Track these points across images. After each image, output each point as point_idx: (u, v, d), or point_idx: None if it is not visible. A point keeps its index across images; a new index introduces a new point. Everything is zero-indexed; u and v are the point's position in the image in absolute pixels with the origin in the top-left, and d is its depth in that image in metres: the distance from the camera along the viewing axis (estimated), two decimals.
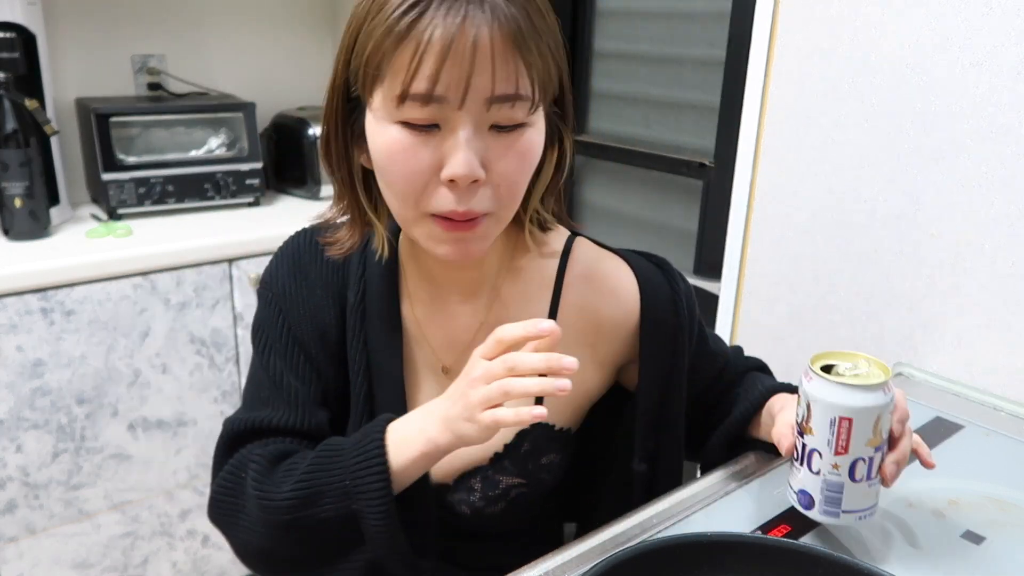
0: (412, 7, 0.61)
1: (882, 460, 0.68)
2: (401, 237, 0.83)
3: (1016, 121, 1.02)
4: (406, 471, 0.70)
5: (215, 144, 1.89)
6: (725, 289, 1.44)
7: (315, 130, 1.95)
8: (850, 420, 0.66)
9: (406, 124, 0.65)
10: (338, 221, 0.79)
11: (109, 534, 1.66)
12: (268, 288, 0.83)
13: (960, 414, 1.02)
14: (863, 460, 0.67)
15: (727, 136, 1.60)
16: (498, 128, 0.66)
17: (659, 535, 0.74)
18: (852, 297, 1.24)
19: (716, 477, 0.84)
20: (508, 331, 0.65)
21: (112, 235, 1.64)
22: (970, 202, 1.08)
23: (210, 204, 1.86)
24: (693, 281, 1.68)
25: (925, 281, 1.14)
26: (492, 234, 0.71)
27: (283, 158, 2.07)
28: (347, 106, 0.71)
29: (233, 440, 0.79)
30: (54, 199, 1.69)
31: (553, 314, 0.82)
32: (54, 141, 1.68)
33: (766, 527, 0.75)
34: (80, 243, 1.60)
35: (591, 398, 0.86)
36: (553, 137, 0.74)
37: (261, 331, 0.82)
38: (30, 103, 1.56)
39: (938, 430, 0.98)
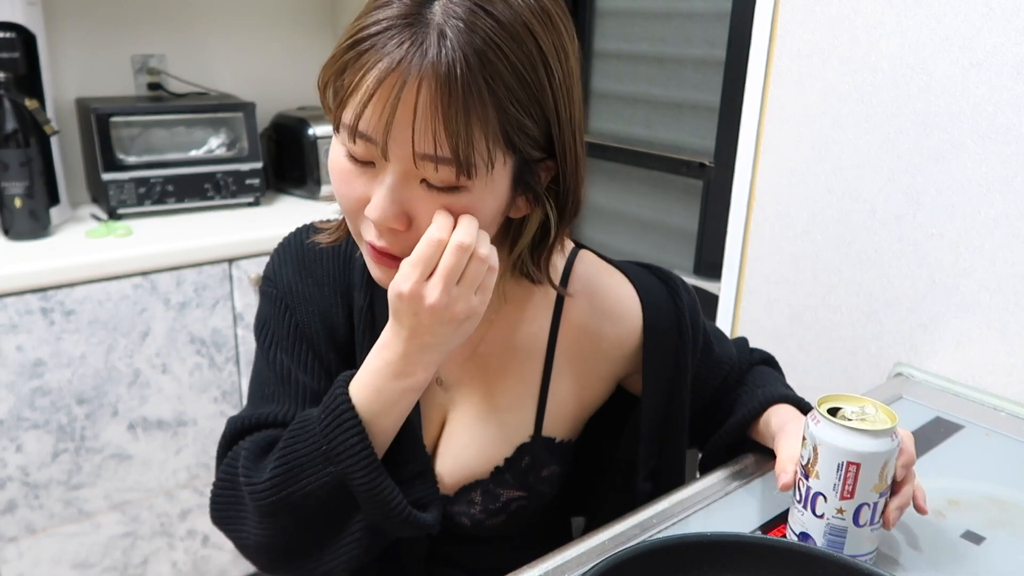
0: (362, 40, 0.59)
1: (885, 505, 0.68)
2: None
3: (1016, 121, 1.02)
4: (380, 420, 0.68)
5: (215, 144, 1.89)
6: (725, 289, 1.44)
7: (315, 130, 1.95)
8: (858, 465, 0.65)
9: (348, 151, 0.64)
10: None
11: (109, 534, 1.66)
12: (272, 284, 0.81)
13: (960, 414, 1.02)
14: (868, 505, 0.66)
15: (727, 136, 1.60)
16: (430, 184, 0.62)
17: (659, 535, 0.74)
18: (852, 297, 1.24)
19: (716, 477, 0.84)
20: (421, 249, 0.62)
21: (112, 235, 1.64)
22: (970, 202, 1.08)
23: (210, 204, 1.86)
24: (693, 281, 1.68)
25: (925, 281, 1.14)
26: None
27: (283, 158, 2.06)
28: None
29: (234, 436, 0.77)
30: (54, 199, 1.69)
31: (554, 331, 0.81)
32: (54, 141, 1.68)
33: (766, 527, 0.75)
34: (80, 243, 1.60)
35: (591, 410, 0.86)
36: (536, 198, 0.68)
37: (266, 327, 0.80)
38: (30, 103, 1.56)
39: (938, 430, 0.97)
